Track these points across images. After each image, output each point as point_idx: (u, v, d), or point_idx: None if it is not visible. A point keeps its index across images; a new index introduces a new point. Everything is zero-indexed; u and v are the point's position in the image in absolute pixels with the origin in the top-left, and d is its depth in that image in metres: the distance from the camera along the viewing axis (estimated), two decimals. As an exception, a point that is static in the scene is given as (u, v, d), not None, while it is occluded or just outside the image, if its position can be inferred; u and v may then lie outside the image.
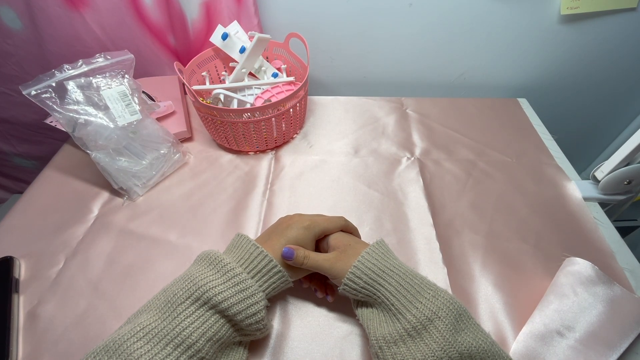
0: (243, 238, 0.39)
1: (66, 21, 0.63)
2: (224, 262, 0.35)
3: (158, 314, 0.33)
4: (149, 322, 0.32)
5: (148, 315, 0.33)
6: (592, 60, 0.77)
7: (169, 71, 0.76)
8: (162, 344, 0.30)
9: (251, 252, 0.37)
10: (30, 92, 0.47)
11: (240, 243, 0.39)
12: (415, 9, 0.69)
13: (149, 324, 0.31)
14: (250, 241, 0.38)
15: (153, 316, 0.32)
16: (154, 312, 0.33)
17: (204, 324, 0.32)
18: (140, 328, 0.31)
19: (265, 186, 0.59)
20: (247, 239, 0.39)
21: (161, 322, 0.32)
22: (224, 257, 0.36)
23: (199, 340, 0.31)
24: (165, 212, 0.55)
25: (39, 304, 0.44)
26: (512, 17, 0.70)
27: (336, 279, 0.39)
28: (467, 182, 0.59)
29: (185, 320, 0.32)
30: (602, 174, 0.53)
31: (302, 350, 0.40)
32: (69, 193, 0.58)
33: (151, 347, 0.30)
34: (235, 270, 0.35)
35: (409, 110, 0.74)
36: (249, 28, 0.69)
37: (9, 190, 0.97)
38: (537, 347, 0.39)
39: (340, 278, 0.37)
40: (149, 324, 0.31)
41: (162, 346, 0.30)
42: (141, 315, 0.33)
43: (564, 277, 0.43)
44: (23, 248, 0.50)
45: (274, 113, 0.58)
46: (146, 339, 0.30)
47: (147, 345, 0.30)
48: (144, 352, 0.29)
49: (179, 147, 0.61)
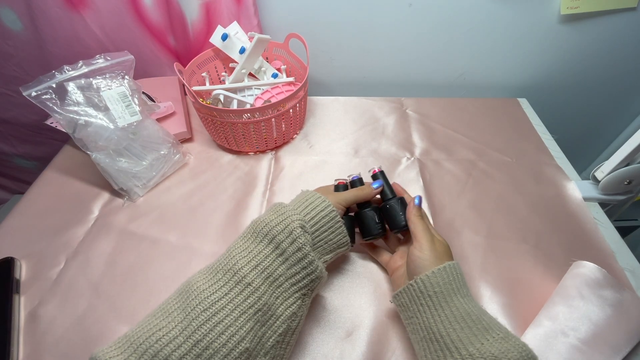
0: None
1: (66, 22, 0.63)
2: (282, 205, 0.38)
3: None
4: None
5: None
6: (592, 60, 0.77)
7: (169, 72, 0.76)
8: (219, 275, 0.32)
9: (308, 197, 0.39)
10: (30, 93, 0.47)
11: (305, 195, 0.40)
12: (415, 9, 0.69)
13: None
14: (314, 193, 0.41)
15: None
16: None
17: (257, 256, 0.33)
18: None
19: (265, 186, 0.59)
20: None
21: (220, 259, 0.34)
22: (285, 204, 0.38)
23: (250, 273, 0.32)
24: (165, 213, 0.55)
25: (39, 304, 0.44)
26: (512, 17, 0.70)
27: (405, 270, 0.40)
28: (467, 182, 0.59)
29: (238, 251, 0.34)
30: (602, 174, 0.53)
31: (303, 350, 0.40)
32: (70, 194, 0.58)
33: (208, 278, 0.32)
34: (283, 204, 0.37)
35: (409, 111, 0.74)
36: (249, 29, 0.69)
37: (10, 191, 0.98)
38: (540, 347, 0.39)
39: (414, 272, 0.37)
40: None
41: (219, 277, 0.32)
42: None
43: (571, 279, 0.43)
44: (24, 249, 0.50)
45: (274, 113, 0.58)
46: (202, 273, 0.33)
47: (204, 277, 0.32)
48: (203, 282, 0.32)
49: (179, 148, 0.61)
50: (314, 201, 0.38)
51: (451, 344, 0.31)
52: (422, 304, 0.34)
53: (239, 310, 0.30)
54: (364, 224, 0.44)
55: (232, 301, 0.30)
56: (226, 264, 0.33)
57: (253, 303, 0.31)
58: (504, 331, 0.32)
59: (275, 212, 0.36)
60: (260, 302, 0.31)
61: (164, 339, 0.28)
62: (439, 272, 0.34)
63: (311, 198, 0.39)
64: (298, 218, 0.35)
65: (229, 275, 0.32)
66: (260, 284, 0.32)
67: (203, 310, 0.29)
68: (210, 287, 0.31)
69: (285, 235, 0.33)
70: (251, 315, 0.30)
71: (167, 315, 0.30)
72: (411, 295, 0.36)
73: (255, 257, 0.33)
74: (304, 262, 0.33)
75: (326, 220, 0.37)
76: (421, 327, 0.34)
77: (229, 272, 0.32)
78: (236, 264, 0.32)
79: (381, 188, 0.45)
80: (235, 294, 0.31)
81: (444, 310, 0.33)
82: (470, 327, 0.31)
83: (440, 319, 0.33)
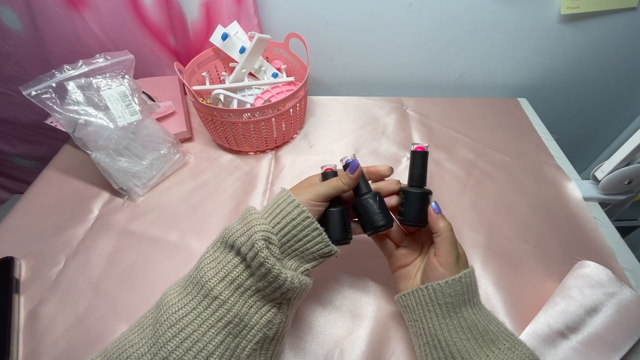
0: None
1: (66, 22, 0.63)
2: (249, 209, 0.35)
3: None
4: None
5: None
6: (592, 60, 0.77)
7: (169, 71, 0.76)
8: (189, 288, 0.32)
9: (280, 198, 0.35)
10: (30, 93, 0.47)
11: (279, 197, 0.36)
12: (415, 9, 0.69)
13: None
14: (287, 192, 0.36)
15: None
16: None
17: (225, 266, 0.32)
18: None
19: (265, 186, 0.59)
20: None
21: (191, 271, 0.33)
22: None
23: (217, 285, 0.31)
24: (165, 213, 0.55)
25: (39, 304, 0.44)
26: (512, 17, 0.70)
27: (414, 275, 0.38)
28: (467, 182, 0.59)
29: (207, 262, 0.33)
30: (603, 173, 0.53)
31: (303, 350, 0.40)
32: (70, 193, 0.58)
33: (179, 292, 0.32)
34: (251, 211, 0.34)
35: (409, 110, 0.74)
36: (249, 28, 0.69)
37: (10, 191, 0.97)
38: (538, 347, 0.39)
39: (429, 277, 0.35)
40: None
41: (188, 290, 0.32)
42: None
43: (573, 279, 0.43)
44: (24, 248, 0.50)
45: (274, 113, 0.58)
46: (176, 286, 0.33)
47: (176, 290, 0.32)
48: (173, 296, 0.31)
49: (179, 148, 0.61)
50: (285, 207, 0.33)
51: (457, 354, 0.31)
52: (429, 310, 0.34)
53: (207, 324, 0.29)
54: (361, 215, 0.37)
55: (199, 316, 0.30)
56: (195, 276, 0.32)
57: (222, 316, 0.30)
58: (510, 341, 0.31)
59: (242, 221, 0.33)
60: (230, 314, 0.30)
61: (133, 357, 0.28)
62: (453, 282, 0.33)
63: (282, 203, 0.34)
64: (262, 229, 0.31)
65: (197, 288, 0.31)
66: (229, 295, 0.30)
67: (170, 326, 0.29)
68: (179, 302, 0.31)
69: (247, 248, 0.31)
70: (220, 328, 0.30)
71: (141, 331, 0.30)
72: (419, 300, 0.35)
73: (223, 268, 0.31)
74: (269, 276, 0.30)
75: (299, 228, 0.33)
76: (425, 333, 0.34)
77: (197, 285, 0.31)
78: (204, 276, 0.31)
79: (358, 172, 0.37)
80: (203, 308, 0.30)
81: (452, 320, 0.33)
82: (476, 339, 0.32)
83: (448, 327, 0.32)
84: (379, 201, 0.37)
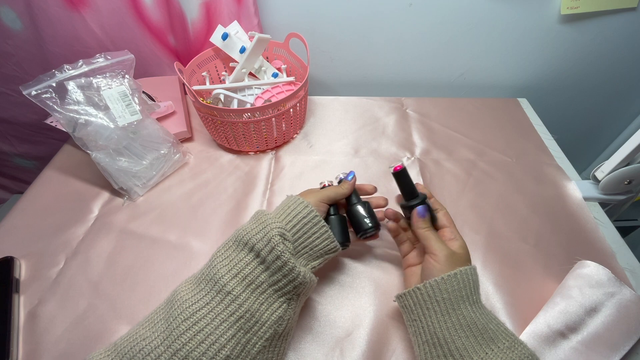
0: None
1: (66, 21, 0.63)
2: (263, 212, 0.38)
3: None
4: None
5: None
6: (592, 60, 0.77)
7: (169, 71, 0.76)
8: (202, 285, 0.33)
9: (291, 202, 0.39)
10: (30, 92, 0.47)
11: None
12: (415, 9, 0.69)
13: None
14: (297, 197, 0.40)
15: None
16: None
17: (237, 264, 0.33)
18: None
19: (266, 186, 0.59)
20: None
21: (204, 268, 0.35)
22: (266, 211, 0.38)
23: (231, 281, 0.32)
24: (165, 212, 0.55)
25: (39, 304, 0.44)
26: (512, 17, 0.70)
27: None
28: (467, 182, 0.59)
29: (219, 260, 0.34)
30: (603, 173, 0.53)
31: (303, 350, 0.40)
32: (70, 193, 0.58)
33: (191, 288, 0.33)
34: (264, 212, 0.37)
35: (409, 110, 0.74)
36: (249, 28, 0.69)
37: (10, 191, 0.97)
38: (538, 347, 0.39)
39: (425, 275, 0.36)
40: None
41: (201, 286, 0.33)
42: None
43: (573, 279, 0.43)
44: (23, 248, 0.50)
45: (274, 113, 0.58)
46: (188, 283, 0.34)
47: (188, 287, 0.33)
48: (186, 292, 0.33)
49: (179, 147, 0.61)
50: (296, 207, 0.38)
51: (455, 351, 0.31)
52: (428, 308, 0.34)
53: (219, 319, 0.31)
54: (352, 221, 0.43)
55: (212, 310, 0.31)
56: (208, 273, 0.33)
57: (234, 311, 0.31)
58: (510, 340, 0.32)
59: (256, 221, 0.36)
60: (241, 309, 0.31)
61: (146, 349, 0.29)
62: (449, 278, 0.34)
63: (293, 204, 0.38)
64: (277, 226, 0.35)
65: (210, 284, 0.32)
66: (241, 291, 0.32)
67: (184, 320, 0.30)
68: (192, 297, 0.32)
69: (264, 244, 0.33)
70: (232, 323, 0.31)
71: (153, 326, 0.31)
72: (416, 299, 0.35)
73: (235, 266, 0.33)
74: (284, 269, 0.33)
75: (309, 226, 0.37)
76: (424, 331, 0.34)
77: (210, 281, 0.33)
78: (217, 273, 0.33)
79: (354, 179, 0.44)
80: (215, 303, 0.31)
81: (450, 317, 0.33)
82: (476, 336, 0.32)
83: (447, 325, 0.33)
84: (367, 208, 0.43)
